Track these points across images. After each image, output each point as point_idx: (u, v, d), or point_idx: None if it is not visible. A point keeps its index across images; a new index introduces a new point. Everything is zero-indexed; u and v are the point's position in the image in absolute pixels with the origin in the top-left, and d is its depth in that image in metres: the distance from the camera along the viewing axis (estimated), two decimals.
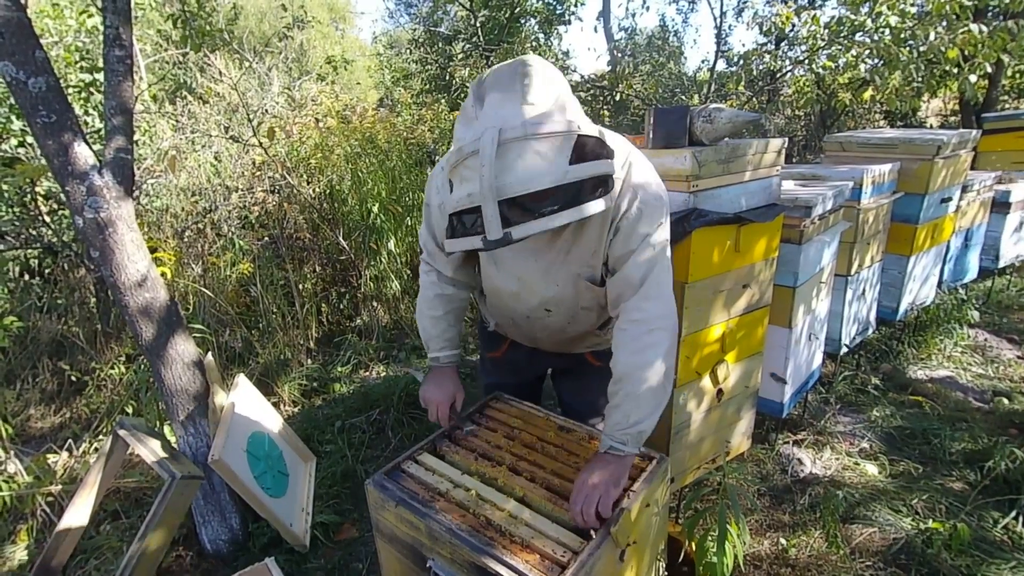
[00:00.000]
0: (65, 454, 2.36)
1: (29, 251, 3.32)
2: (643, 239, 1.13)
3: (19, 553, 1.97)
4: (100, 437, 2.52)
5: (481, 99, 0.99)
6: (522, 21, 6.92)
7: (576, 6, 6.75)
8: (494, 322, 1.51)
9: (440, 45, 8.02)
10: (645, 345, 1.13)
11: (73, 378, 2.88)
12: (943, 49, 3.62)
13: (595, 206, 0.97)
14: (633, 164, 1.14)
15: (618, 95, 6.40)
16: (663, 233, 1.16)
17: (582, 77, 7.07)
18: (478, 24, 6.73)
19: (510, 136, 0.91)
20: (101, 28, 3.62)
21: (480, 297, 1.52)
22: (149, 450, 1.68)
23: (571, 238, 1.17)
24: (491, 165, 0.90)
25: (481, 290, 1.48)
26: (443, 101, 6.74)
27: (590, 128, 0.98)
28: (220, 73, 4.23)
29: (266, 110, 4.46)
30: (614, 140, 1.13)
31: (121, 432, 1.73)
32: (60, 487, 2.10)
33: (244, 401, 2.02)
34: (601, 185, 0.98)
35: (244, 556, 1.91)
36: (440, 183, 1.21)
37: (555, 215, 0.93)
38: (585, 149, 0.95)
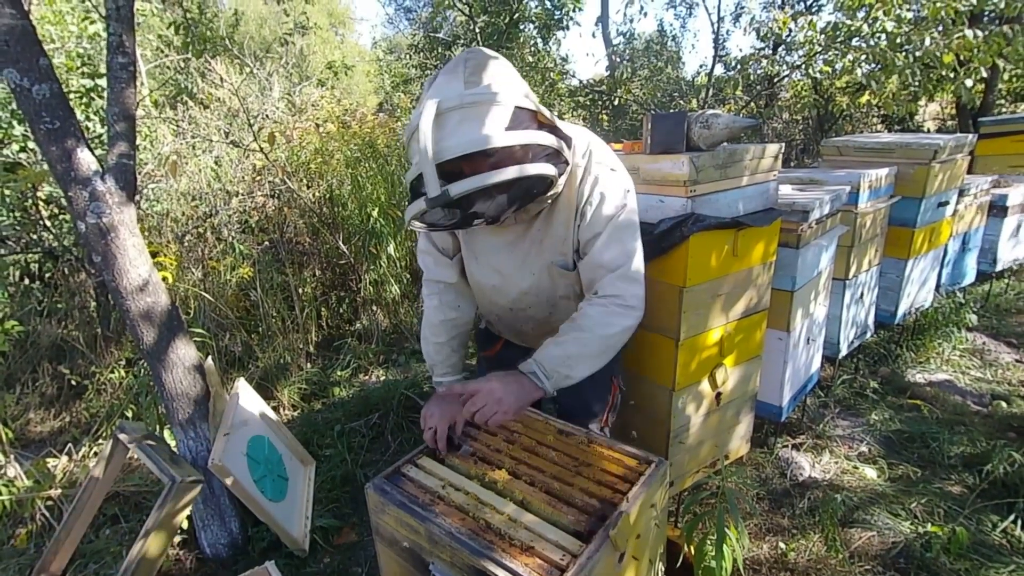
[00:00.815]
0: (64, 458, 2.36)
1: (29, 255, 3.33)
2: (608, 221, 1.17)
3: (19, 557, 1.97)
4: (100, 441, 2.53)
5: (429, 85, 1.07)
6: (521, 26, 6.95)
7: (575, 12, 6.78)
8: (486, 320, 1.53)
9: (440, 50, 8.05)
10: (615, 312, 1.16)
11: (73, 382, 2.89)
12: (939, 54, 3.65)
13: (534, 168, 1.00)
14: (593, 152, 1.18)
15: (616, 100, 6.44)
16: (629, 215, 1.19)
17: (581, 82, 7.10)
18: (477, 29, 6.77)
19: (447, 106, 0.98)
20: (103, 34, 3.65)
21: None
22: (149, 454, 1.69)
23: (542, 227, 1.21)
24: (428, 131, 0.96)
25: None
26: None
27: (527, 102, 1.03)
28: (221, 79, 4.25)
29: (267, 115, 4.48)
30: (573, 130, 1.18)
31: (121, 436, 1.73)
32: (59, 491, 2.11)
33: (244, 405, 2.02)
34: (542, 154, 1.02)
35: (243, 560, 1.91)
36: None
37: (491, 173, 0.97)
38: (523, 119, 1.00)
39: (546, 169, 1.02)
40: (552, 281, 1.28)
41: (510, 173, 0.98)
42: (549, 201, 1.17)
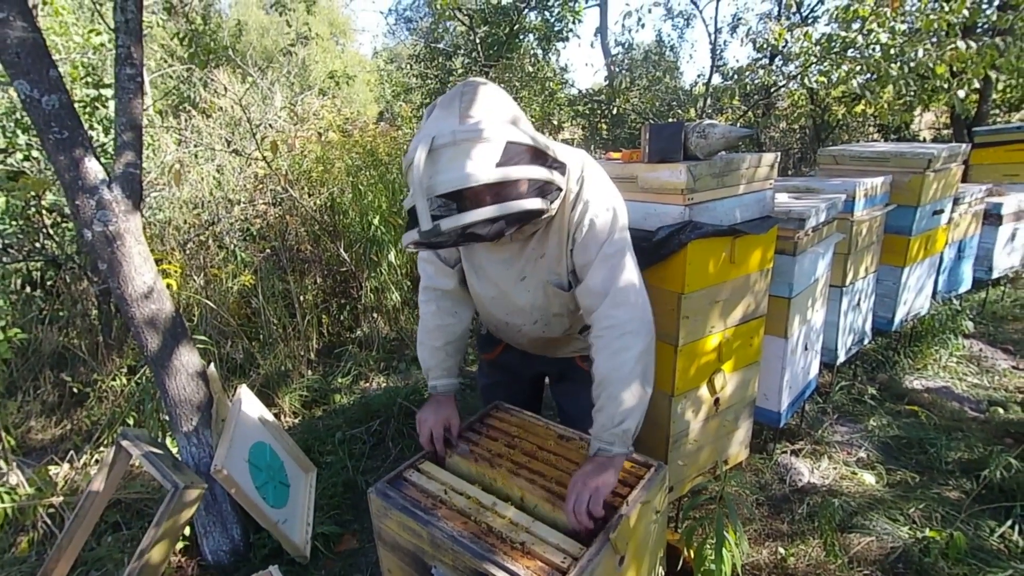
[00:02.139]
0: (66, 466, 2.37)
1: (32, 263, 3.34)
2: (598, 249, 1.19)
3: (20, 565, 1.97)
4: (101, 449, 2.53)
5: (428, 116, 1.10)
6: (521, 37, 7.03)
7: (574, 23, 6.86)
8: (486, 326, 1.56)
9: (440, 60, 8.13)
10: (619, 348, 1.17)
11: (75, 390, 2.90)
12: (932, 65, 3.70)
13: (528, 203, 1.03)
14: (586, 179, 1.21)
15: (615, 109, 6.50)
16: (618, 242, 1.21)
17: (580, 92, 7.17)
18: (478, 40, 6.84)
19: (440, 143, 1.00)
20: (108, 45, 3.70)
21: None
22: (152, 460, 1.70)
23: (537, 246, 1.25)
24: (420, 166, 0.99)
25: None
26: None
27: (521, 136, 1.05)
28: (224, 88, 4.30)
29: (269, 124, 4.52)
30: (568, 155, 1.21)
31: (124, 443, 1.74)
32: (61, 499, 2.11)
33: (246, 412, 2.03)
34: (537, 189, 1.06)
35: (245, 567, 1.92)
36: None
37: (480, 209, 1.01)
38: (514, 154, 1.02)
39: (532, 204, 1.04)
40: (547, 299, 1.31)
41: (490, 212, 1.00)
42: (544, 223, 1.21)
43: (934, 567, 1.76)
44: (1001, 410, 2.67)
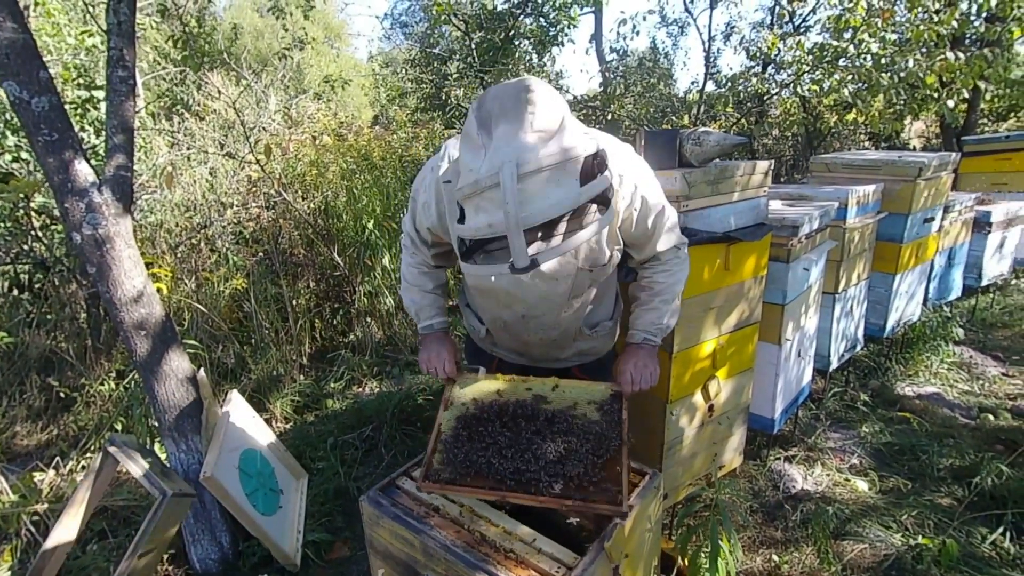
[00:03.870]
0: (52, 472, 2.32)
1: (19, 266, 3.30)
2: (655, 220, 1.30)
3: (2, 574, 1.93)
4: (88, 455, 2.49)
5: (486, 126, 1.01)
6: (516, 42, 7.05)
7: (569, 29, 6.90)
8: (485, 328, 1.52)
9: (435, 65, 8.14)
10: (676, 270, 1.40)
11: (62, 394, 2.85)
12: (922, 75, 3.75)
13: (607, 218, 1.06)
14: (611, 153, 1.20)
15: (610, 115, 6.53)
16: (667, 206, 1.34)
17: (575, 97, 7.20)
18: (473, 45, 6.86)
19: (527, 170, 0.95)
20: (100, 47, 3.67)
21: (466, 309, 1.55)
22: (139, 467, 1.67)
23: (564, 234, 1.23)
24: (515, 199, 0.94)
25: (467, 304, 1.52)
26: (438, 119, 6.83)
27: (588, 143, 1.03)
28: (218, 91, 4.28)
29: (263, 127, 4.50)
30: (600, 137, 1.22)
31: (111, 449, 1.71)
32: (46, 506, 2.07)
33: (236, 417, 2.01)
34: (604, 195, 1.05)
35: (234, 575, 1.89)
36: (431, 183, 1.28)
37: (574, 236, 1.02)
38: (588, 167, 1.02)
39: (609, 216, 1.06)
40: (574, 283, 1.30)
41: (589, 233, 1.02)
42: None
43: (927, 574, 1.77)
44: (992, 417, 2.69)
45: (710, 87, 6.61)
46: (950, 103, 3.90)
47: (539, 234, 1.00)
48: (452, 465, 1.19)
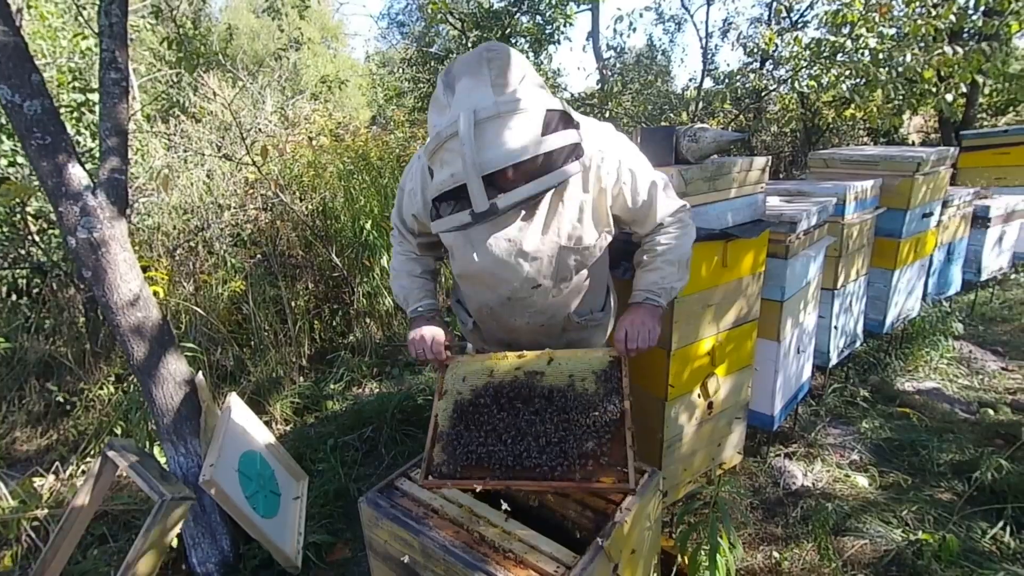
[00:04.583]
0: (51, 477, 2.32)
1: (17, 271, 3.29)
2: (649, 187, 1.28)
3: None
4: (88, 459, 2.49)
5: (451, 87, 1.06)
6: (513, 41, 7.04)
7: (565, 27, 6.88)
8: (472, 321, 1.52)
9: (432, 64, 8.13)
10: (682, 234, 1.36)
11: (61, 399, 2.85)
12: (919, 69, 3.74)
13: (573, 168, 1.06)
14: (589, 131, 1.24)
15: (607, 113, 6.52)
16: (652, 171, 1.33)
17: (572, 95, 7.19)
18: (470, 44, 6.84)
19: (484, 115, 0.99)
20: (95, 49, 3.66)
21: (456, 305, 1.56)
22: (139, 471, 1.67)
23: (547, 209, 1.25)
24: (471, 143, 0.97)
25: (458, 300, 1.52)
26: None
27: (552, 101, 1.07)
28: (214, 93, 4.26)
29: (259, 129, 4.49)
30: (583, 120, 1.24)
31: (110, 453, 1.71)
32: (46, 511, 2.07)
33: (236, 420, 2.00)
34: (572, 152, 1.07)
35: None
36: (417, 170, 1.31)
37: (539, 180, 1.02)
38: (553, 121, 1.04)
39: (575, 169, 1.08)
40: (558, 263, 1.29)
41: (553, 180, 1.03)
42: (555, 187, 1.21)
43: (927, 570, 1.76)
44: (991, 411, 2.69)
45: (708, 83, 6.61)
46: (948, 98, 3.89)
47: (497, 184, 1.02)
48: (452, 459, 1.18)
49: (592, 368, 1.28)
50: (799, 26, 6.90)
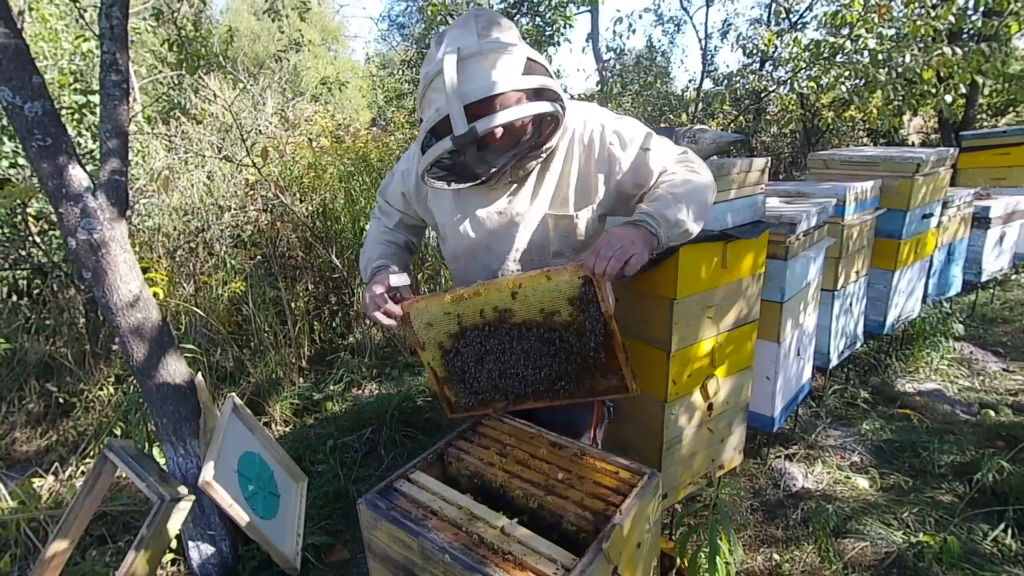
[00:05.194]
0: (51, 478, 2.32)
1: (18, 272, 3.30)
2: (641, 145, 1.25)
3: None
4: (87, 460, 2.49)
5: (440, 40, 1.14)
6: None
7: (565, 28, 6.90)
8: None
9: None
10: (690, 171, 1.24)
11: (61, 400, 2.85)
12: (919, 70, 3.74)
13: (550, 106, 1.10)
14: (584, 107, 1.28)
15: None
16: (644, 131, 1.28)
17: (572, 97, 7.20)
18: None
19: (467, 52, 1.06)
20: (97, 52, 3.67)
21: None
22: (138, 472, 1.67)
23: (536, 182, 1.27)
24: (453, 74, 1.04)
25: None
26: None
27: (533, 52, 1.13)
28: (214, 94, 4.27)
29: (260, 130, 4.50)
30: (570, 102, 1.25)
31: (110, 454, 1.71)
32: (45, 512, 2.07)
33: (235, 421, 2.00)
34: (552, 98, 1.12)
35: None
36: (414, 153, 1.34)
37: (515, 108, 1.06)
38: (533, 68, 1.11)
39: (555, 107, 1.11)
40: (546, 236, 1.30)
41: (533, 108, 1.07)
42: (543, 156, 1.22)
43: (928, 572, 1.76)
44: (992, 413, 2.68)
45: (707, 85, 6.61)
46: (948, 98, 3.89)
47: (477, 111, 1.06)
48: (465, 392, 1.28)
49: (563, 295, 1.16)
50: (798, 27, 6.91)
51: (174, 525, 1.64)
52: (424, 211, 1.41)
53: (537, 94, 1.12)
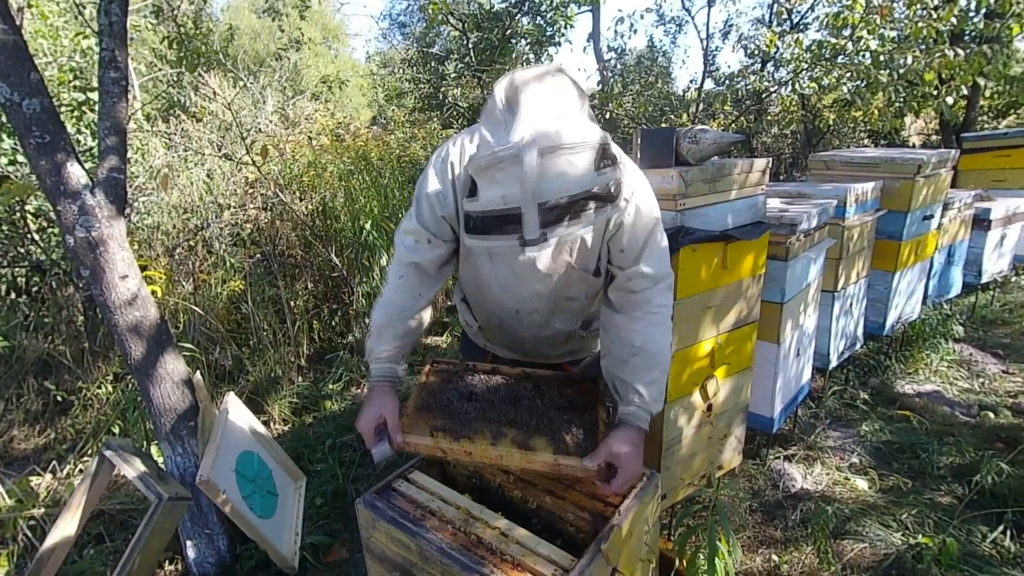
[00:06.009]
0: (49, 476, 2.32)
1: (16, 269, 3.29)
2: (647, 235, 1.23)
3: None
4: (85, 458, 2.48)
5: (512, 105, 1.06)
6: (513, 42, 7.04)
7: (566, 28, 6.88)
8: (478, 325, 1.53)
9: (433, 65, 8.13)
10: (664, 332, 1.25)
11: (59, 398, 2.84)
12: (920, 72, 3.74)
13: (619, 205, 1.07)
14: (623, 163, 1.20)
15: (608, 114, 6.52)
16: (659, 224, 1.26)
17: None
18: (470, 45, 6.84)
19: (547, 146, 1.00)
20: (96, 48, 3.67)
21: (461, 304, 1.55)
22: (136, 471, 1.66)
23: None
24: (533, 173, 0.98)
25: (463, 298, 1.51)
26: (436, 119, 6.82)
27: (600, 134, 1.07)
28: (214, 92, 4.27)
29: (260, 128, 4.49)
30: (618, 152, 1.20)
31: (107, 453, 1.70)
32: (43, 510, 2.06)
33: (233, 420, 2.00)
34: (616, 190, 1.07)
35: None
36: (442, 174, 1.26)
37: (587, 214, 1.03)
38: (603, 156, 1.05)
39: (621, 204, 1.08)
40: (567, 282, 1.30)
41: (600, 218, 1.04)
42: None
43: (927, 573, 1.76)
44: (992, 414, 2.68)
45: (709, 85, 6.61)
46: (949, 100, 3.88)
47: (550, 215, 1.01)
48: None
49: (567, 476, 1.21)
50: (800, 28, 6.90)
51: (171, 524, 1.63)
52: (457, 226, 1.34)
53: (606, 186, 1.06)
